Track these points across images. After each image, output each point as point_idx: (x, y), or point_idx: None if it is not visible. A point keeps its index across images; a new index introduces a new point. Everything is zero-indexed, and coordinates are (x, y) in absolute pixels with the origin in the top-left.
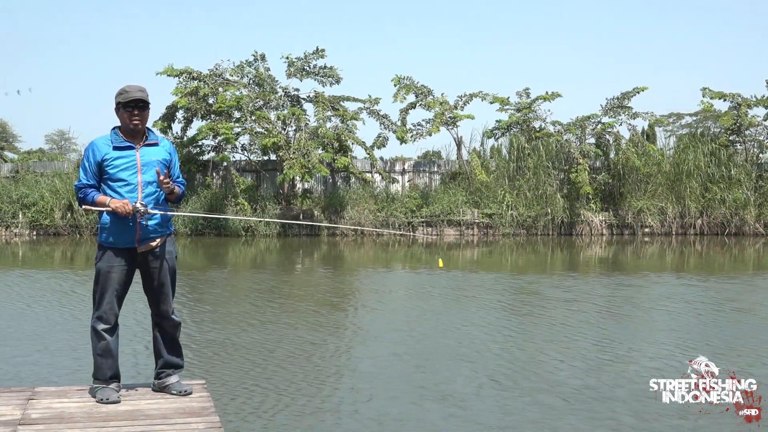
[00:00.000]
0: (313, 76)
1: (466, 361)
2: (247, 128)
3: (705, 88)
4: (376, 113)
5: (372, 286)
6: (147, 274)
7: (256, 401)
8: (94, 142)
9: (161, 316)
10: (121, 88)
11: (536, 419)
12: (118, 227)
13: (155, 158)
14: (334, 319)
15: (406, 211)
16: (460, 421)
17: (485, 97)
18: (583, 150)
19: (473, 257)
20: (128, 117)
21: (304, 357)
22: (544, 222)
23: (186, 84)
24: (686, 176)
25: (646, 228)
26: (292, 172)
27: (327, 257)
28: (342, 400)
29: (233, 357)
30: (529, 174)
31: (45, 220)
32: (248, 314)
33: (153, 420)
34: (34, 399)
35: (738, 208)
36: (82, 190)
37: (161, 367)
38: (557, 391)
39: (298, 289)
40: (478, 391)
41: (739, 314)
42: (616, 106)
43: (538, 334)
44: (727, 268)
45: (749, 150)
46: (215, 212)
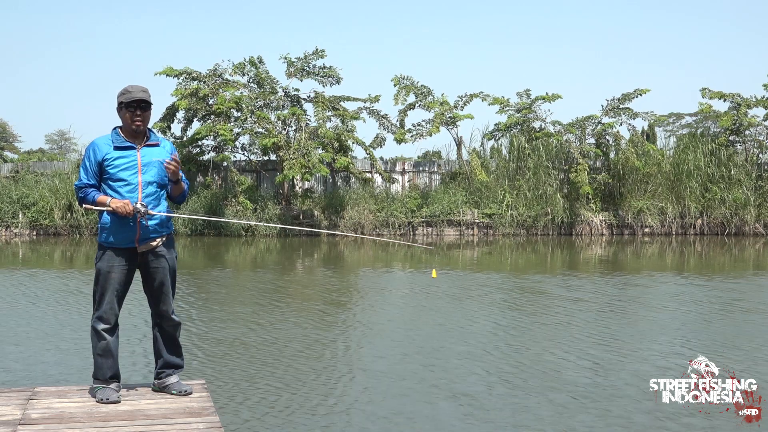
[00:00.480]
0: (312, 76)
1: (475, 360)
2: (247, 128)
3: (704, 89)
4: (375, 113)
5: (374, 285)
6: (147, 274)
7: (256, 401)
8: (95, 142)
9: (161, 316)
10: (124, 87)
11: (546, 417)
12: (119, 227)
13: (156, 159)
14: (335, 318)
15: (406, 211)
16: (474, 419)
17: (485, 98)
18: (583, 150)
19: (473, 257)
20: (130, 117)
21: (304, 356)
22: (544, 222)
23: (186, 85)
24: (686, 176)
25: (646, 228)
26: (292, 172)
27: (328, 257)
28: (339, 399)
29: (233, 357)
30: (529, 174)
31: (45, 220)
32: (248, 314)
33: (153, 420)
34: (34, 399)
35: (738, 208)
36: (82, 189)
37: (161, 367)
38: (565, 390)
39: (299, 289)
40: (489, 390)
41: (739, 314)
42: (617, 107)
43: (542, 333)
44: (727, 268)
45: (749, 150)
46: (215, 212)
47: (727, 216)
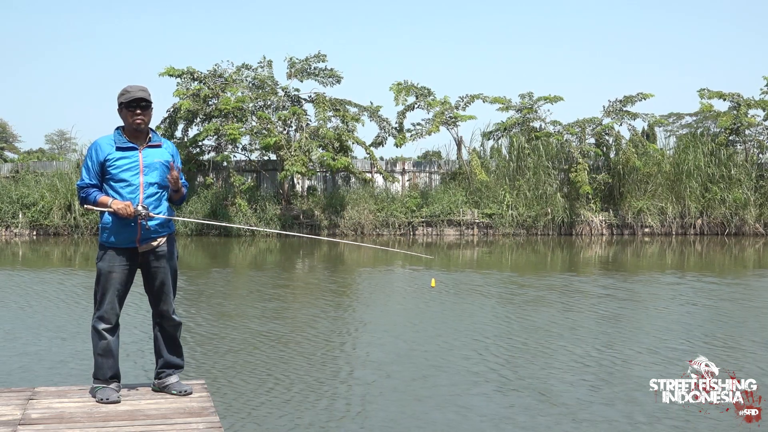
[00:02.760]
0: (313, 77)
1: (476, 360)
2: (248, 128)
3: (703, 90)
4: (377, 115)
5: (374, 285)
6: (148, 273)
7: (256, 401)
8: (98, 142)
9: (162, 315)
10: (123, 88)
11: (545, 417)
12: (120, 227)
13: (158, 160)
14: (336, 318)
15: (406, 210)
16: (474, 419)
17: (486, 99)
18: (583, 150)
19: (473, 257)
20: (131, 116)
21: (305, 356)
22: (544, 222)
23: (187, 86)
24: (686, 176)
25: (646, 228)
26: (295, 168)
27: (328, 257)
28: (340, 400)
29: (234, 357)
30: (529, 174)
31: (45, 220)
32: (249, 314)
33: (153, 420)
34: (34, 399)
35: (738, 208)
36: (84, 189)
37: (161, 367)
38: (565, 390)
39: (299, 289)
40: (489, 390)
41: (739, 314)
42: (619, 109)
43: (542, 332)
44: (727, 268)
45: (749, 150)
46: (215, 213)
47: (727, 216)
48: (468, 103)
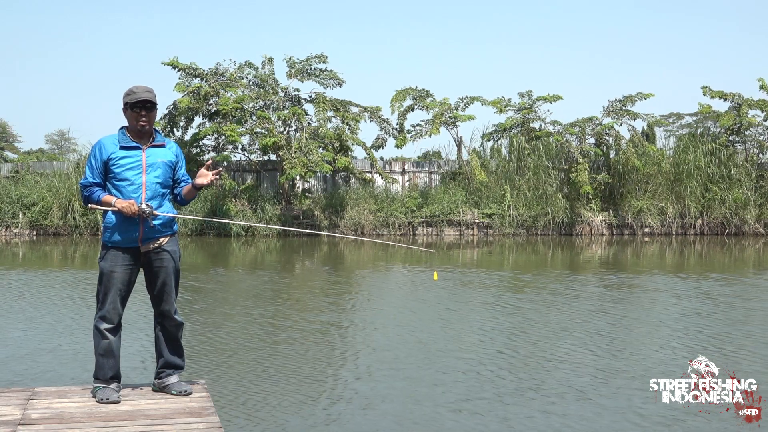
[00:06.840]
0: (314, 78)
1: (475, 360)
2: (248, 128)
3: (705, 87)
4: (377, 116)
5: (375, 285)
6: (150, 273)
7: (256, 401)
8: (102, 141)
9: (163, 315)
10: (129, 88)
11: (545, 417)
12: (122, 226)
13: (161, 159)
14: (336, 319)
15: (406, 211)
16: (474, 420)
17: (485, 102)
18: (583, 150)
19: (473, 257)
20: (135, 117)
21: (305, 356)
22: (544, 222)
23: (188, 82)
24: (686, 176)
25: (646, 228)
26: (294, 171)
27: (328, 257)
28: (341, 400)
29: (234, 357)
30: (529, 174)
31: (45, 221)
32: (249, 314)
33: (153, 420)
34: (34, 399)
35: (738, 208)
36: (87, 188)
37: (162, 367)
38: (564, 390)
39: (299, 289)
40: (488, 390)
41: (739, 314)
42: (619, 109)
43: (541, 332)
44: (728, 268)
45: (749, 150)
46: (215, 212)
47: (727, 216)
48: (467, 104)
